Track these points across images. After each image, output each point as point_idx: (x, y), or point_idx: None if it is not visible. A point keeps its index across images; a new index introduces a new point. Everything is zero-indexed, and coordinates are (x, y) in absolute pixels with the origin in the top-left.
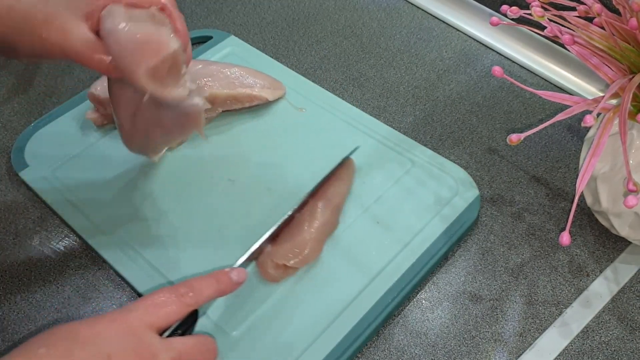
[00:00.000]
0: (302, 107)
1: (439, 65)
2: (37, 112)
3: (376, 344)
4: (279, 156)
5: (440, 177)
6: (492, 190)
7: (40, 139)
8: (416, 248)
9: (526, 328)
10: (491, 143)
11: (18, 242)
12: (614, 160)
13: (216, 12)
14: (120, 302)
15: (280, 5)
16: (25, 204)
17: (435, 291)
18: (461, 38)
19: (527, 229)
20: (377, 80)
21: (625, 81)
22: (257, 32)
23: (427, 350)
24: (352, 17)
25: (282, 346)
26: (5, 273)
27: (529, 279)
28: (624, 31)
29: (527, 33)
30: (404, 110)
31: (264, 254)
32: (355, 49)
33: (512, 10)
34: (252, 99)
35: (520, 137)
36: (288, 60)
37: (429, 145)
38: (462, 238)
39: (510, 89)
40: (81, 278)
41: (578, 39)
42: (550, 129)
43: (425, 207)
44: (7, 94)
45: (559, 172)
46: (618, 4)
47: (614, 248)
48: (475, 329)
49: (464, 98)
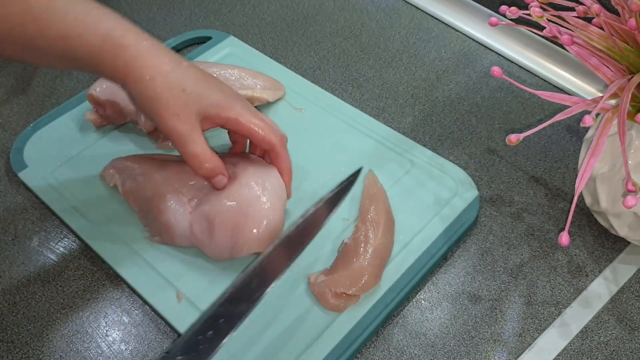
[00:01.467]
0: (301, 107)
1: (438, 65)
2: (36, 113)
3: (375, 344)
4: None
5: (439, 177)
6: (492, 191)
7: (39, 139)
8: (415, 248)
9: (525, 328)
10: (490, 143)
11: (17, 242)
12: (613, 160)
13: (215, 12)
14: (120, 303)
15: (279, 6)
16: (24, 205)
17: (434, 291)
18: (460, 38)
19: (527, 229)
20: (377, 80)
21: (624, 81)
22: (257, 32)
23: (427, 350)
24: (351, 17)
25: (283, 346)
26: (4, 273)
27: (528, 279)
28: (623, 31)
29: (526, 33)
30: (403, 110)
31: (319, 284)
32: (355, 49)
33: (511, 10)
34: (252, 101)
35: (519, 137)
36: (287, 61)
37: (428, 145)
38: (461, 238)
39: (510, 89)
40: (80, 278)
41: (577, 39)
42: (549, 129)
43: (424, 207)
44: (6, 94)
45: (558, 172)
46: (617, 4)
47: (613, 248)
48: (475, 329)
49: (463, 98)
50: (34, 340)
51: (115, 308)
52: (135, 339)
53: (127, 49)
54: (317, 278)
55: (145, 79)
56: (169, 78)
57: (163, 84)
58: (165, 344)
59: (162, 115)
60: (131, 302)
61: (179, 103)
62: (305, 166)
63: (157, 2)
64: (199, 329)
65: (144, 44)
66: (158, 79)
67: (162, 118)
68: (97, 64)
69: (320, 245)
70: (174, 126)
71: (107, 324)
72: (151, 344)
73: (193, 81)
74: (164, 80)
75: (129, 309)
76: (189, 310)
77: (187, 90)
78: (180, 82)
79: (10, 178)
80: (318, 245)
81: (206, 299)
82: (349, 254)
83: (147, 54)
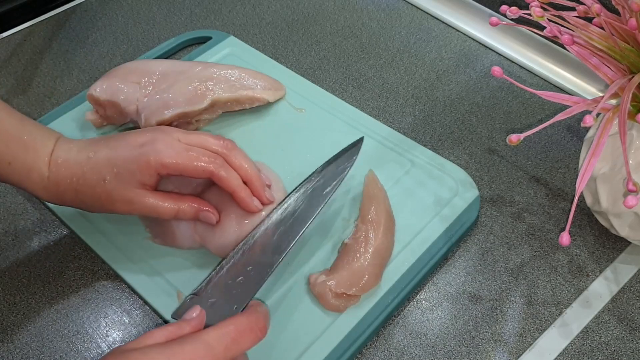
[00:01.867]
0: (301, 107)
1: (438, 65)
2: (36, 113)
3: (376, 345)
4: (278, 157)
5: (440, 177)
6: (492, 191)
7: None
8: (416, 248)
9: (526, 328)
10: (491, 143)
11: (17, 243)
12: (614, 160)
13: (215, 12)
14: (120, 303)
15: (279, 6)
16: (24, 205)
17: (435, 291)
18: (461, 38)
19: (527, 229)
20: (377, 80)
21: (624, 81)
22: (257, 32)
23: (427, 350)
24: (352, 17)
25: (282, 347)
26: (4, 274)
27: (528, 279)
28: (624, 31)
29: (527, 33)
30: (404, 110)
31: (320, 284)
32: (355, 49)
33: (512, 10)
34: (253, 101)
35: (520, 137)
36: (287, 61)
37: (429, 145)
38: (462, 238)
39: (510, 89)
40: (80, 279)
41: (577, 39)
42: (549, 129)
43: (425, 207)
44: (6, 94)
45: (559, 172)
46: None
47: (614, 248)
48: (475, 329)
49: (464, 98)
50: (34, 340)
51: (115, 308)
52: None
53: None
54: (317, 278)
55: (67, 182)
56: (86, 175)
57: (85, 183)
58: None
59: (106, 207)
60: (131, 303)
61: (107, 191)
62: (305, 166)
63: (157, 2)
64: (225, 274)
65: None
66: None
67: (110, 206)
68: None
69: (320, 245)
70: (120, 208)
71: (108, 325)
72: None
73: (107, 168)
74: (84, 180)
75: (130, 309)
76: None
77: (108, 179)
78: (99, 175)
79: None
80: (318, 245)
81: None
82: (350, 254)
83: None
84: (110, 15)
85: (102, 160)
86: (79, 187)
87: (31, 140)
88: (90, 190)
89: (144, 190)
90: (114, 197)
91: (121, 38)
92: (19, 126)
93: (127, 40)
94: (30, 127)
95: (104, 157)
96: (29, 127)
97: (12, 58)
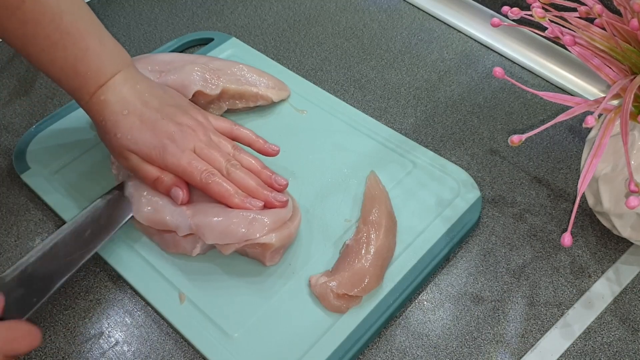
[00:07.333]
0: (303, 109)
1: (440, 66)
2: (39, 114)
3: (378, 346)
4: (280, 158)
5: (441, 178)
6: (494, 192)
7: (42, 141)
8: (418, 249)
9: (528, 329)
10: (492, 144)
11: (19, 244)
12: (616, 161)
13: (217, 14)
14: (122, 304)
15: (281, 7)
16: (26, 206)
17: (436, 292)
18: (462, 39)
19: (529, 230)
20: (378, 81)
21: (626, 82)
22: (258, 34)
23: (429, 351)
24: (353, 18)
25: (284, 348)
26: None
27: (530, 280)
28: (625, 32)
29: (528, 34)
30: (405, 111)
31: (321, 285)
32: (356, 50)
33: (513, 11)
34: (257, 98)
35: (521, 138)
36: (289, 62)
37: (430, 146)
38: (463, 239)
39: (512, 90)
40: (83, 279)
41: (579, 39)
42: (551, 130)
43: (426, 208)
44: (8, 96)
45: (561, 173)
46: (619, 4)
47: (616, 249)
48: (477, 330)
49: (465, 99)
50: None
51: (117, 309)
52: (137, 340)
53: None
54: (318, 279)
55: (97, 118)
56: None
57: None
58: (168, 345)
59: (112, 151)
60: (133, 304)
61: (116, 143)
62: (307, 168)
63: (159, 4)
64: (34, 263)
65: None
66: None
67: (114, 152)
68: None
69: (321, 246)
70: (118, 157)
71: (110, 325)
72: (153, 345)
73: (126, 139)
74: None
75: (132, 310)
76: (191, 311)
77: (118, 136)
78: (117, 131)
79: (12, 179)
80: (320, 246)
81: (209, 300)
82: (351, 255)
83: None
84: (112, 17)
85: (128, 125)
86: (102, 127)
87: (91, 70)
88: (106, 135)
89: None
90: (118, 151)
91: (123, 39)
92: (94, 45)
93: (129, 42)
94: (99, 49)
95: (129, 126)
96: (97, 50)
97: (15, 59)
